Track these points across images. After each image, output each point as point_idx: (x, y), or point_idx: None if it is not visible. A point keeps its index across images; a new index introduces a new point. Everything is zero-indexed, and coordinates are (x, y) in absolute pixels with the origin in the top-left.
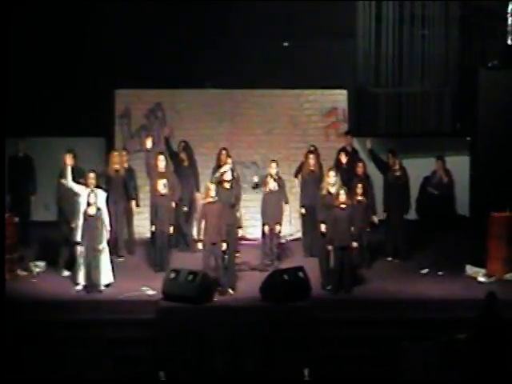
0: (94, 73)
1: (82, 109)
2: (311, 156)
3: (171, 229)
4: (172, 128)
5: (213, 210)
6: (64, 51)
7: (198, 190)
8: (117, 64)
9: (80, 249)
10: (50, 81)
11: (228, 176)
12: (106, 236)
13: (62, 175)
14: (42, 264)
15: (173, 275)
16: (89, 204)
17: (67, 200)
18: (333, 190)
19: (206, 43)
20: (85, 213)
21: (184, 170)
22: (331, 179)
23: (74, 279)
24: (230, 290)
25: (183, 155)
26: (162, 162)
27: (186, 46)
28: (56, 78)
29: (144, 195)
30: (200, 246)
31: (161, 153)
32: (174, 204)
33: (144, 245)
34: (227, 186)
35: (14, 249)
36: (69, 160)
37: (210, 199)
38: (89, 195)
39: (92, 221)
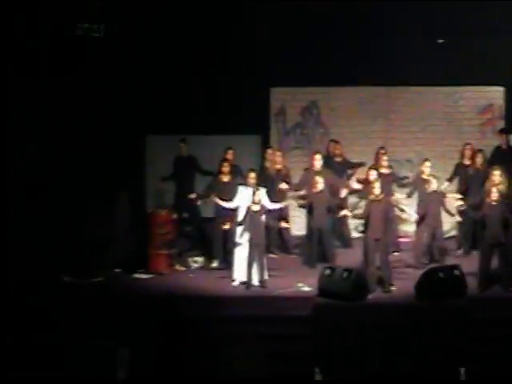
0: (251, 72)
1: (239, 107)
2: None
3: (327, 225)
4: (326, 126)
5: (378, 206)
6: (220, 50)
7: (346, 187)
8: (272, 63)
9: (239, 245)
10: (208, 80)
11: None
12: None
13: (221, 172)
14: (200, 259)
15: (328, 272)
16: (253, 201)
17: (224, 196)
18: (499, 188)
19: (361, 42)
20: (248, 210)
21: (336, 167)
22: (497, 178)
23: (231, 275)
24: (393, 287)
25: (337, 152)
26: (318, 162)
27: (340, 45)
28: (214, 78)
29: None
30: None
31: (318, 152)
32: (329, 200)
33: (298, 242)
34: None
35: (173, 244)
36: (229, 157)
37: (374, 197)
38: (254, 193)
39: (256, 218)
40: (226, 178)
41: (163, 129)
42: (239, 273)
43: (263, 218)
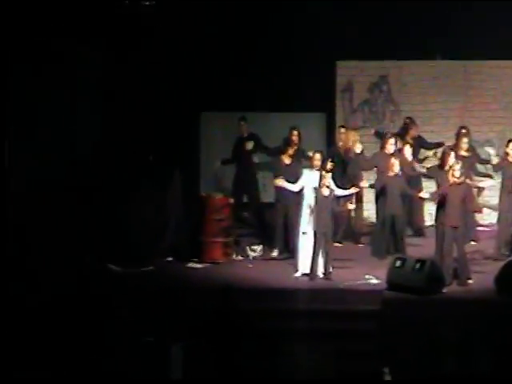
0: (315, 45)
1: (302, 83)
2: None
3: (400, 212)
4: (398, 103)
5: (457, 190)
6: (283, 22)
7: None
8: (338, 35)
9: (304, 232)
10: (269, 53)
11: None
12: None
13: (284, 153)
14: (258, 248)
15: (398, 263)
16: (321, 185)
17: (286, 179)
18: None
19: (437, 12)
20: (316, 194)
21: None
22: None
23: (294, 265)
24: (470, 281)
25: (412, 132)
26: (391, 146)
27: (412, 16)
28: (276, 51)
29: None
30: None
31: (393, 135)
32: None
33: (367, 230)
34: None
35: (230, 231)
36: (294, 138)
37: (456, 179)
38: (321, 176)
39: (324, 203)
40: (287, 160)
41: (219, 106)
42: (303, 263)
43: (331, 204)
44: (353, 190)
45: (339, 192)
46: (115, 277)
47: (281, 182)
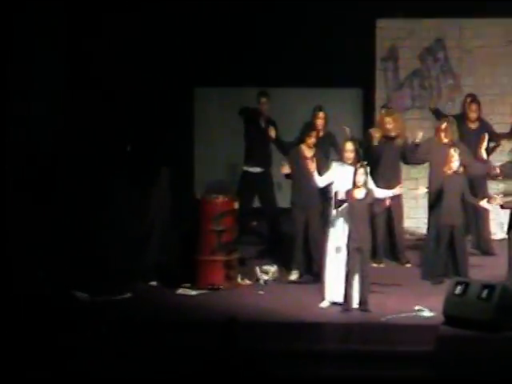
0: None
1: (329, 49)
2: None
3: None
4: (458, 76)
5: None
6: None
7: (491, 168)
8: None
9: (338, 248)
10: (285, 11)
11: None
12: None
13: (305, 142)
14: (272, 269)
15: (459, 290)
16: (355, 185)
17: (306, 177)
18: None
19: None
20: (347, 196)
21: (470, 135)
22: None
23: (320, 291)
24: None
25: (473, 114)
26: (449, 134)
27: None
28: (295, 9)
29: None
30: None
31: (448, 120)
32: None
33: (414, 245)
34: None
35: (234, 247)
36: (319, 122)
37: None
38: (355, 172)
39: (358, 209)
40: (309, 151)
41: (218, 79)
42: (331, 290)
43: (368, 209)
44: (398, 190)
45: (379, 193)
46: (80, 307)
47: (286, 170)
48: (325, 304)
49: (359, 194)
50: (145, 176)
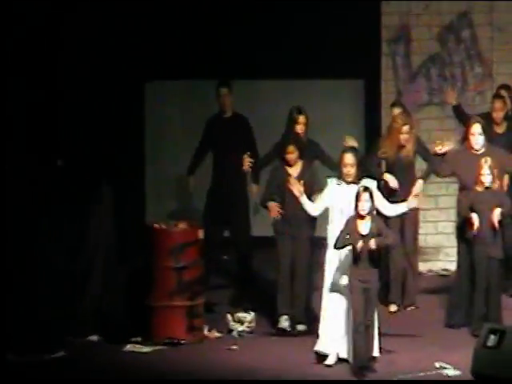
0: None
1: (318, 26)
2: None
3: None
4: (489, 61)
5: None
6: None
7: None
8: None
9: (333, 290)
10: None
11: None
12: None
13: (286, 155)
14: (248, 317)
15: (492, 340)
16: (357, 210)
17: (293, 201)
18: None
19: None
20: (347, 225)
21: (500, 139)
22: None
23: (316, 345)
24: None
25: (499, 113)
26: (479, 138)
27: None
28: None
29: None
30: None
31: (477, 120)
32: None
33: (439, 280)
34: None
35: (199, 289)
36: (300, 128)
37: None
38: (358, 194)
39: (363, 244)
40: (293, 170)
41: (174, 72)
42: (330, 342)
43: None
44: (412, 203)
45: (390, 211)
46: (13, 369)
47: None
48: (331, 361)
49: (363, 227)
50: (81, 198)
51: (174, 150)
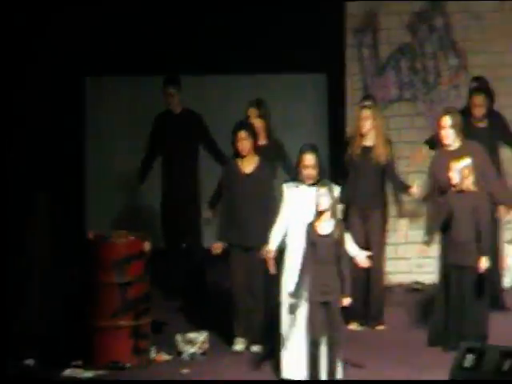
0: None
1: (278, 16)
2: None
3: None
4: (464, 52)
5: None
6: None
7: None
8: None
9: (293, 307)
10: None
11: None
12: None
13: (238, 154)
14: (200, 337)
15: (469, 360)
16: (318, 212)
17: (247, 207)
18: None
19: None
20: (308, 234)
21: (480, 134)
22: None
23: (274, 367)
24: None
25: (479, 109)
26: (450, 132)
27: None
28: None
29: None
30: None
31: (449, 111)
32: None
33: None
34: None
35: (145, 307)
36: (258, 125)
37: None
38: (318, 196)
39: (324, 250)
40: (248, 167)
41: (118, 66)
42: (291, 363)
43: (337, 249)
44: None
45: (354, 250)
46: None
47: (219, 250)
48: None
49: (324, 226)
50: (12, 208)
51: (120, 150)
